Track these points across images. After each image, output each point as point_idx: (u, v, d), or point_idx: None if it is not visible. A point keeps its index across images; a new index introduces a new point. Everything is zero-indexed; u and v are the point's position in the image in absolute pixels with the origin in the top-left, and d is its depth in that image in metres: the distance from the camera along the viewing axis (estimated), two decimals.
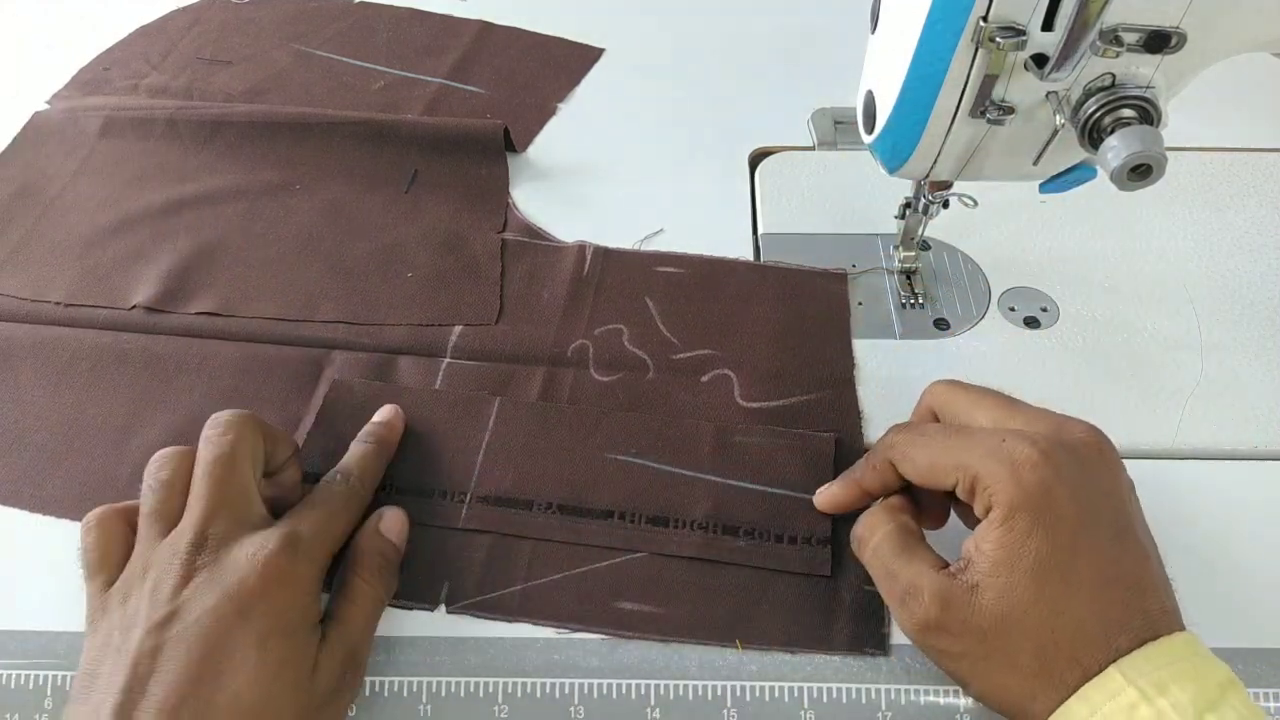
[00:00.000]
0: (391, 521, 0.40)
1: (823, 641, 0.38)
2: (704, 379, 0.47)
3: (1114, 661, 0.31)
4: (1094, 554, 0.33)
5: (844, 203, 0.57)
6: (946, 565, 0.35)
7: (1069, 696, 0.31)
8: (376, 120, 0.61)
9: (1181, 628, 0.33)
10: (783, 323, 0.50)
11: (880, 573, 0.36)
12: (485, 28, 0.72)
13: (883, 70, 0.40)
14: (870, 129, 0.43)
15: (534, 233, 0.55)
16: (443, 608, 0.39)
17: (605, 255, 0.53)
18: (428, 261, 0.53)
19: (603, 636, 0.38)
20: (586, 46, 0.71)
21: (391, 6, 0.74)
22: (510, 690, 0.37)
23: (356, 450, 0.41)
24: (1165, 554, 0.34)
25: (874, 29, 0.42)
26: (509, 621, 0.39)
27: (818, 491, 0.41)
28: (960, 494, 0.35)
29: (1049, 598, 0.32)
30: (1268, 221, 0.56)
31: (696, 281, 0.52)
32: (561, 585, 0.40)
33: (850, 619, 0.39)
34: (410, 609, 0.39)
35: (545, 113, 0.65)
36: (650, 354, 0.48)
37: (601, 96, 0.67)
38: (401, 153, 0.59)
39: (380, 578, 0.38)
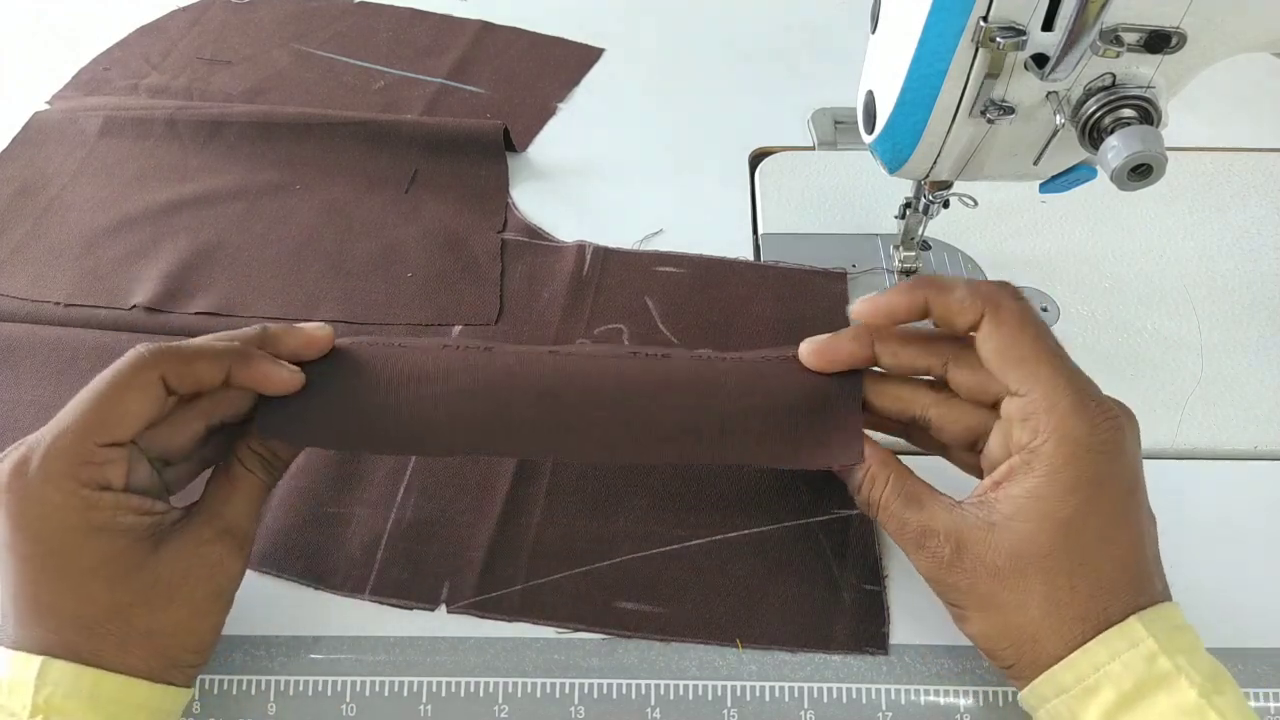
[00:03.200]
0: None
1: (823, 641, 0.38)
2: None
3: (1134, 613, 0.31)
4: (1128, 522, 0.33)
5: (844, 203, 0.57)
6: (959, 504, 0.34)
7: (1080, 641, 0.31)
8: (377, 120, 0.61)
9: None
10: (783, 322, 0.50)
11: (894, 524, 0.35)
12: (485, 28, 0.72)
13: (883, 70, 0.40)
14: (870, 129, 0.43)
15: (534, 233, 0.55)
16: (443, 608, 0.39)
17: (605, 255, 0.53)
18: (427, 261, 0.53)
19: (603, 637, 0.38)
20: (586, 46, 0.71)
21: (392, 7, 0.74)
22: (510, 690, 0.37)
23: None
24: (1165, 554, 0.34)
25: (874, 29, 0.42)
26: (509, 621, 0.39)
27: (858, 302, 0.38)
28: (1004, 409, 0.34)
29: (1074, 550, 0.32)
30: (1268, 221, 0.56)
31: (696, 281, 0.52)
32: (561, 585, 0.40)
33: (850, 619, 0.39)
34: (410, 609, 0.39)
35: (545, 113, 0.65)
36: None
37: (601, 96, 0.67)
38: (401, 153, 0.60)
39: (263, 468, 0.37)
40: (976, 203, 0.49)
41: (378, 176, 0.59)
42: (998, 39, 0.35)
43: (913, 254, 0.52)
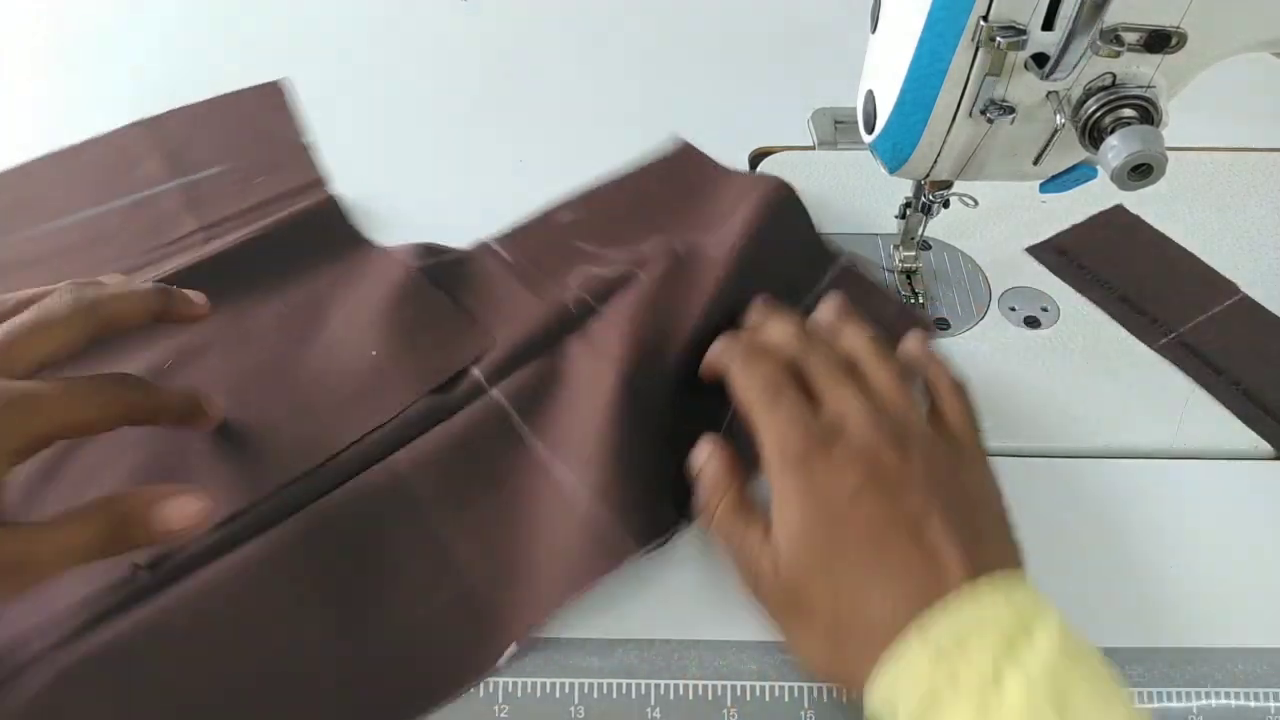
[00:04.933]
0: (175, 510, 0.34)
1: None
2: (683, 252, 0.49)
3: (912, 624, 0.31)
4: (863, 519, 0.34)
5: (844, 203, 0.57)
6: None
7: (871, 663, 0.31)
8: (204, 259, 0.51)
9: (1011, 566, 0.33)
10: (679, 198, 0.55)
11: (723, 543, 0.38)
12: (152, 121, 0.62)
13: (883, 70, 0.40)
14: (870, 129, 0.43)
15: (433, 250, 0.52)
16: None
17: (509, 238, 0.53)
18: (380, 336, 0.48)
19: (603, 636, 0.38)
20: (265, 85, 0.65)
21: (49, 156, 0.60)
22: (510, 690, 0.37)
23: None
24: (1165, 554, 0.34)
25: (874, 29, 0.42)
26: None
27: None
28: None
29: (828, 568, 0.34)
30: (1268, 221, 0.56)
31: (604, 210, 0.55)
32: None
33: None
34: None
35: (300, 150, 0.60)
36: (632, 266, 0.49)
37: (601, 96, 0.67)
38: (256, 279, 0.51)
39: (95, 541, 0.33)
40: (976, 203, 0.49)
41: (246, 300, 0.50)
42: (998, 39, 0.35)
43: (913, 254, 0.52)
